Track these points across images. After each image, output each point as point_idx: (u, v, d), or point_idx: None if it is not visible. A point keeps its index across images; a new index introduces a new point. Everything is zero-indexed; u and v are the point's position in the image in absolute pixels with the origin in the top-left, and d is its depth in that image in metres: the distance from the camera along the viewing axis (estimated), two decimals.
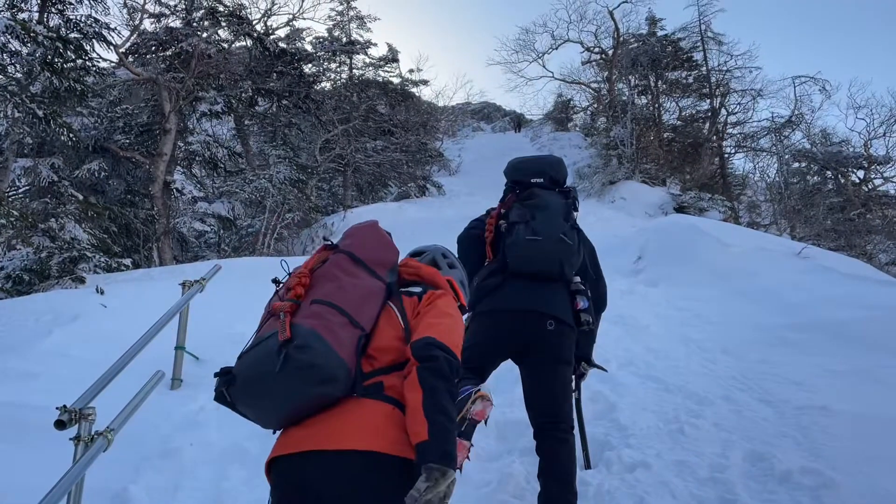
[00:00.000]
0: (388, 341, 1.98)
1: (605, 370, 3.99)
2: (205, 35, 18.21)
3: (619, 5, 30.97)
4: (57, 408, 2.81)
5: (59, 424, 2.78)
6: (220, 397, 1.92)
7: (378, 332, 1.98)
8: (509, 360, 3.39)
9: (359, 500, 1.74)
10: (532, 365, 3.20)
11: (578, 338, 3.33)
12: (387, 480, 1.75)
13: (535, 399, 3.17)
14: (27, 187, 13.85)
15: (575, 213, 3.46)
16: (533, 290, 3.19)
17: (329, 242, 2.26)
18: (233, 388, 1.88)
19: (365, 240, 2.22)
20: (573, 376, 3.52)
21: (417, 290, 2.19)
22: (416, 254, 2.56)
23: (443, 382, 1.81)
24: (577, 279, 3.33)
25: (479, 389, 2.91)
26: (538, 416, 3.15)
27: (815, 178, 25.70)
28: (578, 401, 3.78)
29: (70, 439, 2.86)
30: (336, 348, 1.82)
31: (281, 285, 2.12)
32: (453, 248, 2.89)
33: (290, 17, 24.07)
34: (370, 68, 27.37)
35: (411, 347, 1.89)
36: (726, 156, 27.73)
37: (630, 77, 28.69)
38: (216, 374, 1.93)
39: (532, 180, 3.49)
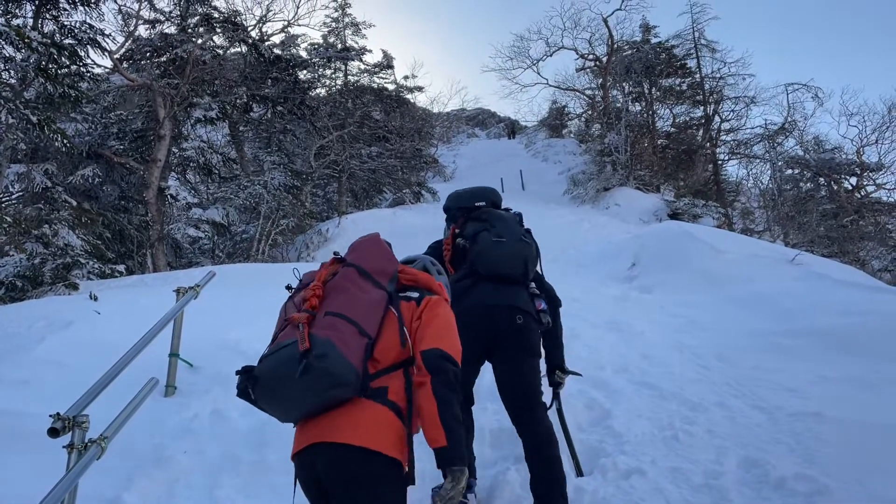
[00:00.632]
0: (390, 343, 2.22)
1: (580, 374, 4.10)
2: (200, 41, 18.22)
3: (612, 13, 31.17)
4: (50, 415, 2.80)
5: (53, 432, 2.77)
6: (243, 394, 2.16)
7: (381, 335, 2.22)
8: None
9: (352, 487, 2.05)
10: (504, 358, 3.43)
11: (547, 347, 3.65)
12: (378, 474, 2.06)
13: (510, 387, 3.40)
14: (20, 193, 13.81)
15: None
16: (500, 289, 3.47)
17: (338, 255, 2.51)
18: (256, 388, 2.12)
19: (369, 252, 2.47)
20: (551, 388, 3.77)
21: (415, 295, 2.42)
22: (408, 261, 2.81)
23: (453, 394, 2.13)
24: (533, 285, 3.63)
25: None
26: (514, 403, 3.38)
27: (809, 184, 25.85)
28: (560, 411, 3.88)
29: (63, 447, 2.85)
30: (348, 356, 2.06)
31: (293, 291, 2.41)
32: None
33: (285, 23, 23.95)
34: (365, 75, 27.48)
35: (423, 357, 2.17)
36: (720, 162, 27.89)
37: (624, 84, 28.81)
38: (238, 372, 2.17)
39: (476, 204, 3.84)
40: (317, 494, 2.15)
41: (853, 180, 25.00)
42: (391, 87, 28.38)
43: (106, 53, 15.64)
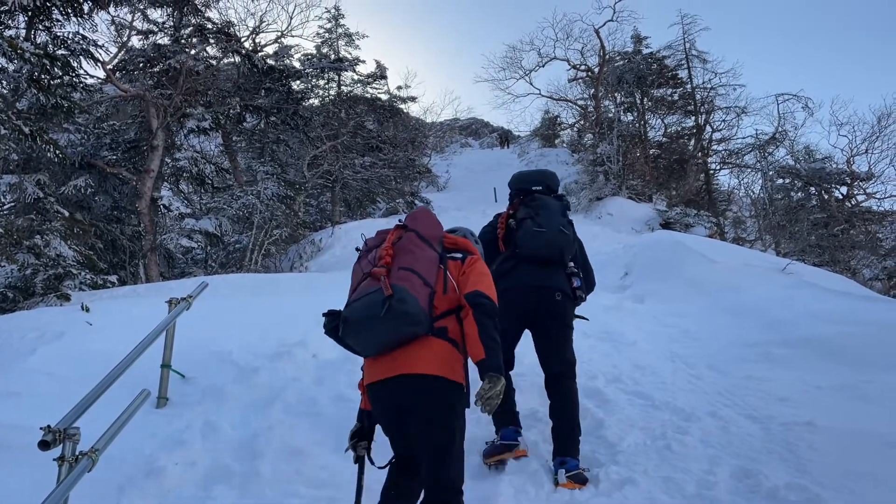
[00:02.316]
0: (443, 293, 2.83)
1: (587, 319, 4.47)
2: (193, 52, 18.23)
3: (604, 24, 31.35)
4: (41, 428, 2.79)
5: (44, 445, 2.76)
6: (332, 332, 2.83)
7: (437, 287, 2.83)
8: None
9: (428, 406, 2.69)
10: (545, 328, 4.00)
11: None
12: (447, 395, 2.70)
13: (550, 354, 3.98)
14: (12, 204, 13.74)
15: (568, 213, 4.24)
16: (540, 271, 3.98)
17: (401, 223, 3.08)
18: (345, 326, 2.74)
19: (424, 221, 3.07)
20: None
21: (459, 255, 3.06)
22: (450, 231, 3.45)
23: (490, 319, 2.72)
24: (571, 264, 4.11)
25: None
26: (553, 367, 3.95)
27: (799, 194, 25.98)
28: None
29: (54, 460, 2.84)
30: (420, 301, 2.68)
31: (362, 251, 3.02)
32: None
33: (279, 34, 24.00)
34: (358, 85, 27.50)
35: (466, 297, 2.79)
36: (711, 172, 28.04)
37: (616, 94, 28.99)
38: (325, 314, 2.85)
39: (533, 188, 4.29)
40: (393, 415, 2.77)
41: (844, 189, 25.17)
42: (384, 97, 28.47)
43: (99, 64, 15.65)
